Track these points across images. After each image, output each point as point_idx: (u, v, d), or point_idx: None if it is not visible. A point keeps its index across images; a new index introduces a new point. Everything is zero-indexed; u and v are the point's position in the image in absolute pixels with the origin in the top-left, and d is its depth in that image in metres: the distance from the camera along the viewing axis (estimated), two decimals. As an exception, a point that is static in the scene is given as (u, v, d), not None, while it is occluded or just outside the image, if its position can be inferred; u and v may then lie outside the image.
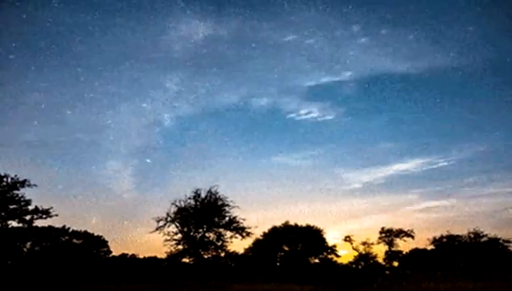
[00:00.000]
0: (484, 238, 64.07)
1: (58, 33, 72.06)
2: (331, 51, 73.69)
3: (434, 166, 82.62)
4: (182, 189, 77.41)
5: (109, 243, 61.73)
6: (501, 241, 64.34)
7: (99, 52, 72.94)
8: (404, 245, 63.01)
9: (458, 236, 64.87)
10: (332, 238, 63.79)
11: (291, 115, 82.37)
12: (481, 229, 63.86)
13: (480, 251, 62.26)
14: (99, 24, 71.64)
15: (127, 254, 64.36)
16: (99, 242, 60.50)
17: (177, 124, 77.70)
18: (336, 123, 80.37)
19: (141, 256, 64.58)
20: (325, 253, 60.02)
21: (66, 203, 68.53)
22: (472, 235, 64.02)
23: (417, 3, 69.25)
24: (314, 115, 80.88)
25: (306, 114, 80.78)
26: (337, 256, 61.48)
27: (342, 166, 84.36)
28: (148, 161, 67.97)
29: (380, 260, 62.87)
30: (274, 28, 75.10)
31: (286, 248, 57.36)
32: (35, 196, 43.82)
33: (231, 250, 54.01)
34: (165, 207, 48.82)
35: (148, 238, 55.72)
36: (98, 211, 77.88)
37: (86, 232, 58.97)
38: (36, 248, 52.39)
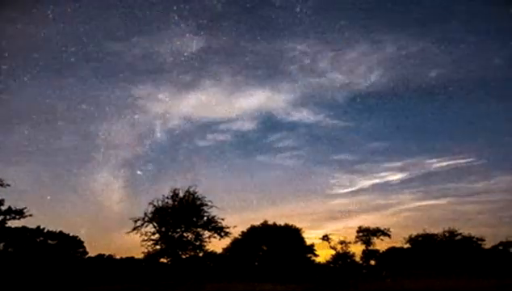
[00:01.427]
0: (459, 237, 65.77)
1: (52, 44, 72.30)
2: (324, 63, 74.87)
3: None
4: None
5: (85, 244, 61.09)
6: (474, 239, 66.12)
7: (92, 63, 73.31)
8: (381, 244, 64.34)
9: (433, 234, 66.37)
10: (310, 237, 64.59)
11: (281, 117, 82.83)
12: (456, 228, 65.56)
13: (455, 250, 63.81)
14: (93, 35, 72.06)
15: (104, 254, 63.79)
16: (75, 243, 59.76)
17: (169, 136, 78.03)
18: (324, 125, 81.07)
19: (118, 257, 64.08)
20: (303, 252, 60.65)
21: (54, 213, 68.29)
22: (446, 234, 65.60)
23: (409, 13, 70.34)
24: (304, 119, 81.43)
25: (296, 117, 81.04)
26: (316, 256, 62.33)
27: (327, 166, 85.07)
28: (139, 173, 67.85)
29: (358, 259, 64.00)
30: (267, 42, 76.06)
31: (264, 248, 57.70)
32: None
33: (209, 250, 54.14)
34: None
35: (125, 239, 55.23)
36: (87, 223, 77.61)
37: (61, 232, 58.19)
38: (10, 249, 51.51)
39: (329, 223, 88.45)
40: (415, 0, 69.82)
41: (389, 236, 63.21)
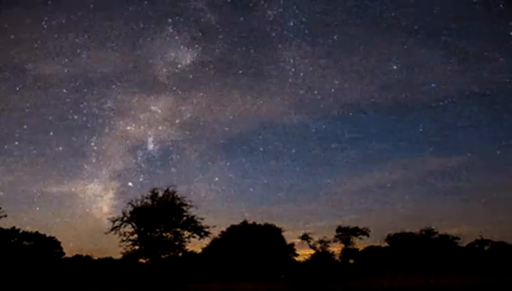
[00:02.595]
0: (435, 236, 67.24)
1: (45, 54, 71.78)
2: (317, 77, 75.79)
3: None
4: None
5: (62, 244, 60.40)
6: (450, 238, 67.72)
7: (86, 74, 73.26)
8: (360, 243, 65.33)
9: (411, 233, 67.63)
10: (290, 236, 65.08)
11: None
12: (433, 227, 67.00)
13: (432, 248, 65.19)
14: (87, 46, 72.43)
15: (81, 255, 63.18)
16: (51, 244, 59.05)
17: (161, 147, 77.78)
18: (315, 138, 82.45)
19: (96, 258, 63.54)
20: (283, 252, 61.13)
21: (42, 227, 68.02)
22: (423, 232, 66.96)
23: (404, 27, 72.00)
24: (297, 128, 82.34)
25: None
26: (295, 255, 62.91)
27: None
28: (130, 184, 67.47)
29: (337, 258, 64.77)
30: (261, 55, 76.82)
31: (244, 247, 57.93)
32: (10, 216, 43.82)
33: (189, 250, 54.19)
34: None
35: (103, 239, 54.81)
36: (75, 235, 77.05)
37: (37, 233, 57.46)
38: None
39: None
40: (407, 15, 70.71)
41: (368, 235, 64.17)
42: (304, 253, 63.30)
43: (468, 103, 76.27)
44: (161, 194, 50.03)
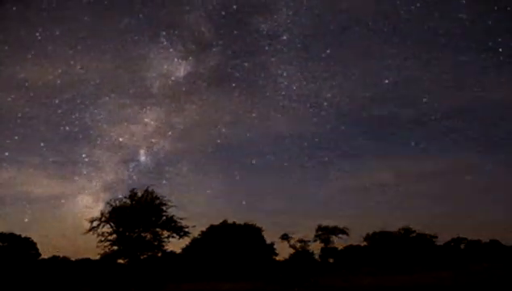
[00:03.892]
0: (413, 234, 68.71)
1: (38, 65, 71.04)
2: (311, 90, 76.70)
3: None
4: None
5: (38, 245, 59.63)
6: (428, 237, 69.26)
7: (79, 86, 72.77)
8: (339, 242, 66.31)
9: (389, 232, 68.94)
10: (270, 236, 65.52)
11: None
12: (411, 226, 68.47)
13: (410, 246, 66.56)
14: (80, 58, 71.86)
15: (58, 256, 62.43)
16: (27, 244, 58.27)
17: (153, 159, 77.43)
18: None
19: (74, 259, 62.89)
20: (263, 251, 61.58)
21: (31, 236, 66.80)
22: (402, 231, 68.34)
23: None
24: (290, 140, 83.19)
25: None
26: (275, 254, 63.47)
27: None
28: (121, 196, 66.93)
29: (317, 257, 65.63)
30: (255, 68, 77.43)
31: (224, 247, 58.13)
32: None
33: (168, 250, 54.08)
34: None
35: (81, 240, 54.28)
36: (65, 247, 76.30)
37: (12, 234, 56.63)
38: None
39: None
40: (400, 29, 72.28)
41: (347, 234, 65.12)
42: (284, 252, 64.17)
43: (459, 118, 78.20)
44: (140, 194, 49.84)
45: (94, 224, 48.59)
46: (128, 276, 49.34)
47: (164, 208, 50.24)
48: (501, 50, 65.88)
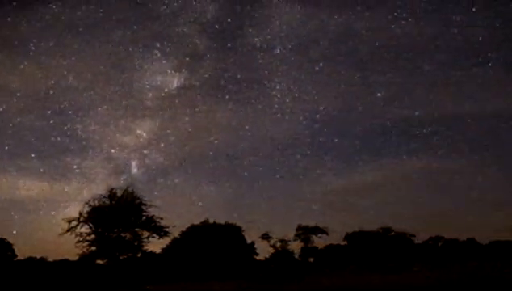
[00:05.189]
0: (392, 233, 69.95)
1: (31, 75, 70.35)
2: (302, 105, 77.53)
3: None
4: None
5: (14, 246, 58.81)
6: (407, 236, 70.59)
7: (71, 96, 72.21)
8: (319, 241, 67.12)
9: (369, 231, 69.99)
10: (251, 235, 65.87)
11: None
12: (390, 225, 69.69)
13: (389, 245, 67.72)
14: (73, 69, 71.32)
15: (34, 257, 61.59)
16: (2, 245, 57.48)
17: (145, 171, 77.03)
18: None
19: (51, 259, 62.12)
20: (244, 250, 61.92)
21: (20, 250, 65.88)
22: (381, 230, 69.49)
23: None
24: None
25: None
26: (256, 254, 63.92)
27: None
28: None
29: (297, 257, 66.27)
30: (247, 82, 77.93)
31: (205, 246, 58.25)
32: None
33: (148, 250, 54.07)
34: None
35: (59, 241, 53.78)
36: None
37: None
38: None
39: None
40: (392, 44, 73.94)
41: (327, 234, 65.94)
42: (265, 251, 64.61)
43: (451, 131, 79.94)
44: (119, 193, 49.72)
45: (73, 224, 48.36)
46: (107, 276, 49.13)
47: (144, 208, 50.27)
48: (490, 64, 68.68)
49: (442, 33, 73.77)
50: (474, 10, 67.72)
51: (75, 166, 71.99)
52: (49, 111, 70.39)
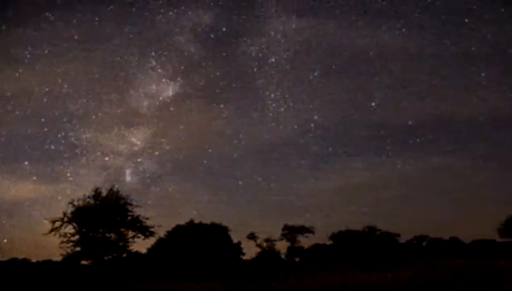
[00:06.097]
0: (377, 233, 70.82)
1: (26, 82, 70.66)
2: (297, 114, 78.24)
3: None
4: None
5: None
6: (392, 235, 71.56)
7: (66, 104, 72.68)
8: (305, 241, 67.71)
9: (354, 231, 70.75)
10: (237, 235, 66.10)
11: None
12: (375, 224, 70.56)
13: (374, 245, 68.56)
14: (68, 77, 72.38)
15: (17, 258, 60.97)
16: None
17: (139, 180, 76.74)
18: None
19: (34, 260, 61.57)
20: (230, 250, 62.12)
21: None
22: (366, 230, 70.30)
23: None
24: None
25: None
26: (242, 254, 64.16)
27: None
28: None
29: (283, 256, 66.71)
30: (242, 90, 78.48)
31: (191, 246, 58.32)
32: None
33: (133, 250, 53.96)
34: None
35: (42, 241, 53.39)
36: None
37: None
38: None
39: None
40: (385, 54, 75.19)
41: (313, 233, 66.52)
42: (251, 251, 64.90)
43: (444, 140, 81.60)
44: (104, 193, 49.53)
45: (56, 224, 48.02)
46: (91, 277, 48.90)
47: (129, 207, 50.16)
48: (483, 75, 70.86)
49: (435, 43, 75.83)
50: (466, 21, 70.00)
51: (68, 174, 71.66)
52: (43, 119, 70.39)
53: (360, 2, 73.30)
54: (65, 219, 48.17)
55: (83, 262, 51.68)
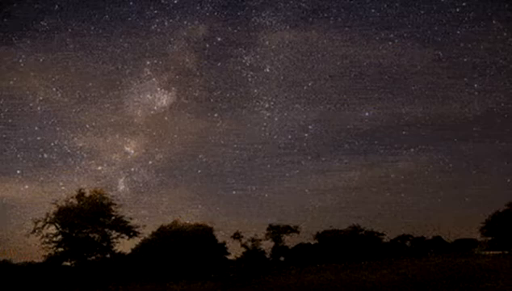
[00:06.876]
0: (362, 232, 71.72)
1: (20, 91, 72.68)
2: (290, 124, 79.03)
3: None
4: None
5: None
6: (376, 235, 72.55)
7: (60, 113, 75.45)
8: (290, 240, 68.21)
9: (339, 230, 71.54)
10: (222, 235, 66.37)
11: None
12: (359, 224, 71.49)
13: (359, 244, 69.42)
14: (63, 85, 74.61)
15: (-4, 260, 60.17)
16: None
17: (132, 188, 76.53)
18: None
19: (15, 262, 60.82)
20: (215, 250, 62.22)
21: None
22: (351, 229, 71.14)
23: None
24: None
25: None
26: (227, 253, 64.32)
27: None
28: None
29: (268, 256, 67.10)
30: (237, 100, 78.99)
31: (175, 247, 58.30)
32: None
33: (117, 251, 53.66)
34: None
35: (24, 242, 52.89)
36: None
37: None
38: None
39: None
40: (377, 65, 76.67)
41: (298, 232, 67.04)
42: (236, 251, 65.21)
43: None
44: (88, 194, 49.21)
45: (39, 225, 47.53)
46: (74, 278, 48.53)
47: (113, 208, 49.91)
48: (476, 85, 73.04)
49: (428, 54, 77.63)
50: (458, 32, 72.03)
51: (61, 183, 71.17)
52: (36, 128, 70.02)
53: (353, 13, 75.25)
54: (48, 219, 47.68)
55: (66, 263, 51.22)
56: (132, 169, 77.99)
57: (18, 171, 71.20)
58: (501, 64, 73.85)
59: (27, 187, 71.92)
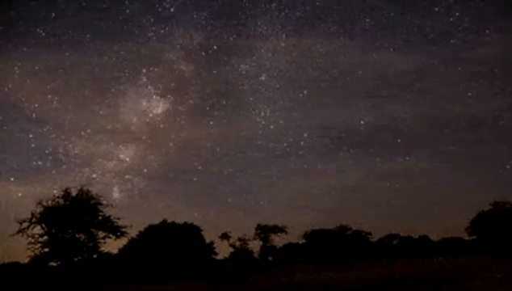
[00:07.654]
0: (349, 232, 72.24)
1: (15, 98, 71.82)
2: (286, 132, 79.06)
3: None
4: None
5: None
6: (363, 234, 73.10)
7: (54, 120, 73.71)
8: (278, 240, 68.46)
9: (327, 230, 71.95)
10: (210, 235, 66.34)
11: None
12: (347, 223, 71.99)
13: (347, 243, 69.90)
14: (58, 92, 73.18)
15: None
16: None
17: (127, 196, 75.65)
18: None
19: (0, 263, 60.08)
20: (203, 250, 62.23)
21: None
22: (338, 228, 71.59)
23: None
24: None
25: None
26: (215, 253, 64.38)
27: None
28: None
29: (256, 256, 67.25)
30: (233, 108, 78.88)
31: (163, 246, 58.18)
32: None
33: (104, 251, 53.41)
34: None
35: (9, 243, 52.34)
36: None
37: None
38: None
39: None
40: (373, 71, 77.47)
41: (286, 232, 67.33)
42: (224, 251, 65.22)
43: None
44: (74, 193, 48.91)
45: (24, 225, 47.13)
46: (60, 279, 48.17)
47: (100, 207, 49.68)
48: (470, 94, 75.36)
49: (423, 62, 78.73)
50: (452, 42, 72.97)
51: (55, 191, 70.31)
52: (31, 135, 69.30)
53: (348, 22, 75.73)
54: (33, 219, 47.30)
55: (52, 263, 50.84)
56: (127, 176, 77.23)
57: (12, 179, 70.21)
58: (495, 72, 74.18)
59: (20, 194, 70.94)
